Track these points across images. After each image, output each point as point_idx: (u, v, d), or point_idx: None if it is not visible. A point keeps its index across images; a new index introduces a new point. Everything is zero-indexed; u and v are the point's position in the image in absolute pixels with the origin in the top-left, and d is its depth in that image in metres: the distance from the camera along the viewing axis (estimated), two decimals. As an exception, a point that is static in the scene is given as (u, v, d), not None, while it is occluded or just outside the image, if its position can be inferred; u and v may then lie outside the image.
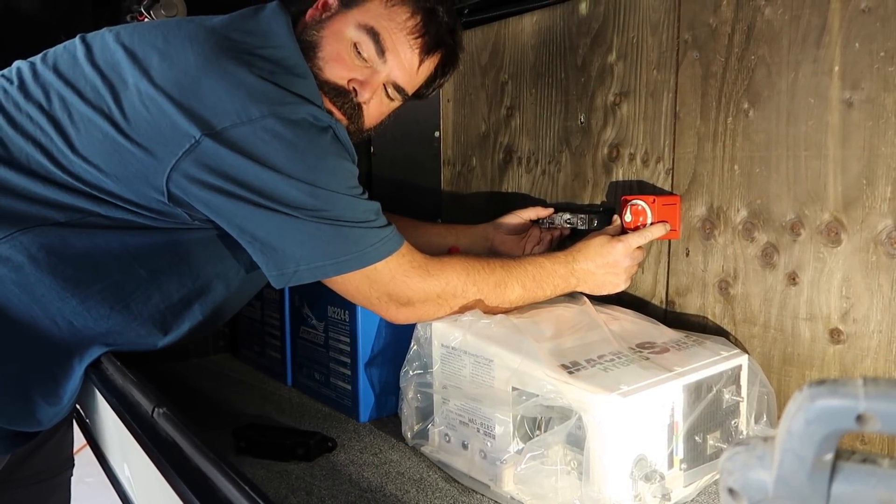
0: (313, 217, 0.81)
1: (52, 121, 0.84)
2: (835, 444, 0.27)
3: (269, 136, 0.79)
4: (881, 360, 0.84)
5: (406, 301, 0.88)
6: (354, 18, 0.91)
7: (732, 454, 0.31)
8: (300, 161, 0.80)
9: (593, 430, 0.72)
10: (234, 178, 0.79)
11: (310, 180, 0.81)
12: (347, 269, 0.84)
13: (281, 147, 0.79)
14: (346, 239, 0.83)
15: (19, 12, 1.54)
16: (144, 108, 0.80)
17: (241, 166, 0.79)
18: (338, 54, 0.90)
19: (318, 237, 0.82)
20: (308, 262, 0.83)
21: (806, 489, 0.28)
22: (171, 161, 0.79)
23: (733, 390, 0.84)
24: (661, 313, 1.09)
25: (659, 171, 1.08)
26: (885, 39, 0.80)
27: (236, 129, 0.78)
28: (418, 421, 0.94)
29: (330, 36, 0.91)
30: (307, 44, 0.91)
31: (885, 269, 0.82)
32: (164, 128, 0.79)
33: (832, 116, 0.86)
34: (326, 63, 0.90)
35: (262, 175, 0.79)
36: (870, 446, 0.85)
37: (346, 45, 0.90)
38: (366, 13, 0.91)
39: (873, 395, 0.25)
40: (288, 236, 0.82)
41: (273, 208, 0.80)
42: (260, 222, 0.81)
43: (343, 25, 0.91)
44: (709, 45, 0.99)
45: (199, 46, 0.83)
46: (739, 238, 0.98)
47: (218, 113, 0.79)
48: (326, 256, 0.83)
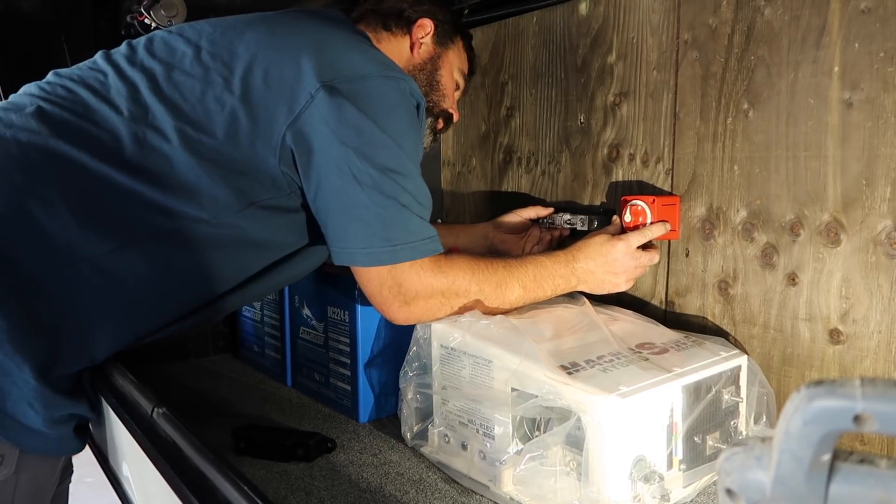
0: (389, 190, 0.84)
1: (163, 101, 0.86)
2: (832, 445, 0.27)
3: (377, 93, 0.86)
4: (881, 360, 0.84)
5: (413, 296, 0.88)
6: (456, 63, 1.14)
7: (730, 455, 0.30)
8: (396, 122, 0.86)
9: (592, 431, 0.72)
10: (338, 130, 0.83)
11: (400, 142, 0.86)
12: (401, 259, 0.85)
13: (385, 106, 0.86)
14: (405, 227, 0.86)
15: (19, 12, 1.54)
16: (262, 71, 0.85)
17: (349, 117, 0.83)
18: (451, 91, 1.14)
19: (382, 220, 0.84)
20: (366, 246, 0.85)
21: (803, 490, 0.28)
22: (289, 118, 0.83)
23: (733, 391, 0.84)
24: (660, 314, 1.09)
25: (659, 171, 1.08)
26: (885, 40, 0.80)
27: (350, 82, 0.85)
28: (418, 421, 0.94)
29: (447, 76, 1.13)
30: (435, 82, 1.10)
31: (884, 269, 0.82)
32: (282, 86, 0.84)
33: (832, 117, 0.86)
34: (447, 98, 1.13)
35: (365, 126, 0.83)
36: (869, 447, 0.85)
37: (453, 84, 1.15)
38: (458, 58, 1.15)
39: (871, 395, 0.25)
40: (356, 213, 0.84)
41: (357, 172, 0.83)
42: (339, 189, 0.84)
43: (452, 68, 1.14)
44: (708, 46, 0.99)
45: (303, 15, 0.95)
46: (739, 238, 0.98)
47: (334, 67, 0.85)
48: (385, 242, 0.84)
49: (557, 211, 1.20)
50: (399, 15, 1.09)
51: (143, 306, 0.86)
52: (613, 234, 1.02)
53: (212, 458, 0.65)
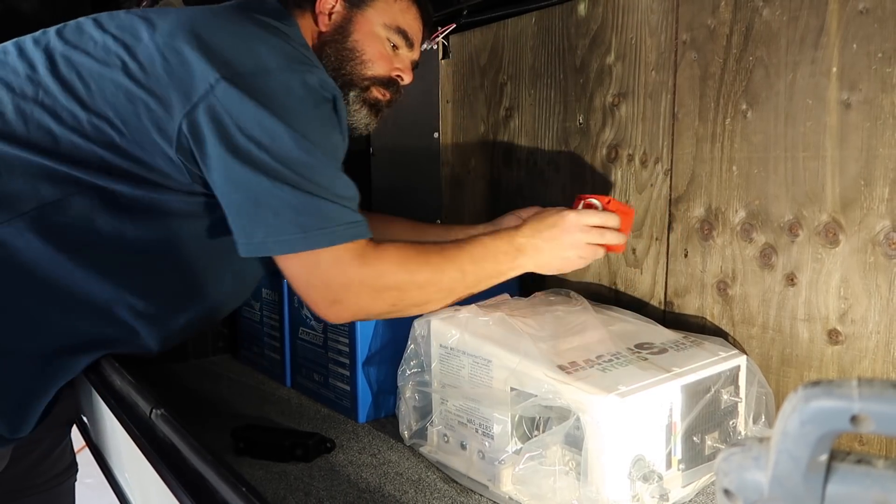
0: (296, 181, 0.81)
1: (59, 81, 0.85)
2: (829, 445, 0.27)
3: (282, 88, 0.82)
4: (879, 360, 0.84)
5: (340, 291, 0.83)
6: (379, 19, 1.03)
7: (728, 455, 0.31)
8: (303, 117, 0.83)
9: (591, 431, 0.72)
10: (239, 123, 0.81)
11: (308, 136, 0.82)
12: (316, 244, 0.81)
13: (290, 101, 0.82)
14: (319, 213, 0.81)
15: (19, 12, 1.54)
16: (162, 58, 0.83)
17: (249, 112, 0.80)
18: (381, 53, 1.04)
19: (293, 207, 0.80)
20: (277, 235, 0.81)
21: (801, 490, 0.28)
22: (186, 106, 0.81)
23: (731, 391, 0.84)
24: (659, 314, 1.09)
25: (657, 171, 1.08)
26: (883, 41, 0.80)
27: (253, 77, 0.82)
28: (416, 420, 0.94)
29: (365, 39, 1.03)
30: (346, 51, 1.01)
31: (882, 269, 0.83)
32: (182, 74, 0.82)
33: (830, 117, 0.86)
34: (375, 62, 1.03)
35: (266, 122, 0.81)
36: (868, 447, 0.86)
37: (381, 42, 1.04)
38: (384, 13, 1.03)
39: (868, 396, 0.25)
40: (264, 202, 0.81)
41: (262, 164, 0.80)
42: (244, 180, 0.81)
43: (372, 27, 1.03)
44: (707, 47, 0.99)
45: (220, 9, 0.90)
46: (738, 239, 0.98)
47: (236, 60, 0.83)
48: (296, 229, 0.81)
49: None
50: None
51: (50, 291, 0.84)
52: None
53: (210, 459, 0.65)
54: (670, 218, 1.07)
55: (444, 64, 1.50)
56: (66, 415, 1.13)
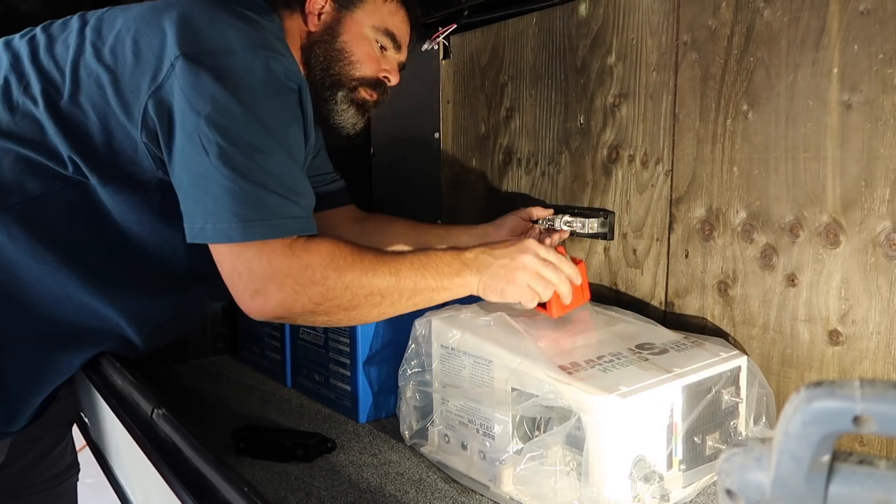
0: (243, 166, 0.78)
1: (40, 72, 0.86)
2: (832, 446, 0.27)
3: (244, 69, 0.82)
4: (880, 361, 0.84)
5: (264, 281, 0.79)
6: (368, 21, 1.04)
7: (730, 455, 0.31)
8: (262, 102, 0.82)
9: (592, 431, 0.72)
10: (193, 100, 0.79)
11: (263, 121, 0.81)
12: (251, 237, 0.78)
13: (251, 83, 0.81)
14: (261, 204, 0.79)
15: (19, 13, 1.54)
16: (132, 40, 0.84)
17: (205, 89, 0.79)
18: (369, 54, 1.05)
19: (234, 195, 0.78)
20: (215, 221, 0.79)
21: (803, 490, 0.28)
22: (152, 86, 0.81)
23: (732, 391, 0.84)
24: (660, 314, 1.09)
25: (658, 172, 1.08)
26: (884, 41, 0.80)
27: (214, 55, 0.81)
28: (417, 420, 0.94)
29: (354, 40, 1.03)
30: (335, 52, 1.02)
31: (883, 270, 0.83)
32: (149, 57, 0.82)
33: (831, 118, 0.86)
34: (363, 63, 1.04)
35: (221, 100, 0.79)
36: (868, 447, 0.86)
37: (370, 44, 1.05)
38: (373, 15, 1.04)
39: (870, 396, 0.25)
40: (206, 186, 0.79)
41: (210, 144, 0.78)
42: (190, 160, 0.80)
43: (361, 28, 1.04)
44: (708, 47, 0.99)
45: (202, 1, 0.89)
46: (738, 239, 0.98)
47: (201, 39, 0.83)
48: (234, 217, 0.78)
49: (557, 212, 1.20)
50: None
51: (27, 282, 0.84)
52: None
53: (211, 459, 0.65)
54: (671, 218, 1.07)
55: (444, 64, 1.50)
56: (66, 414, 1.13)
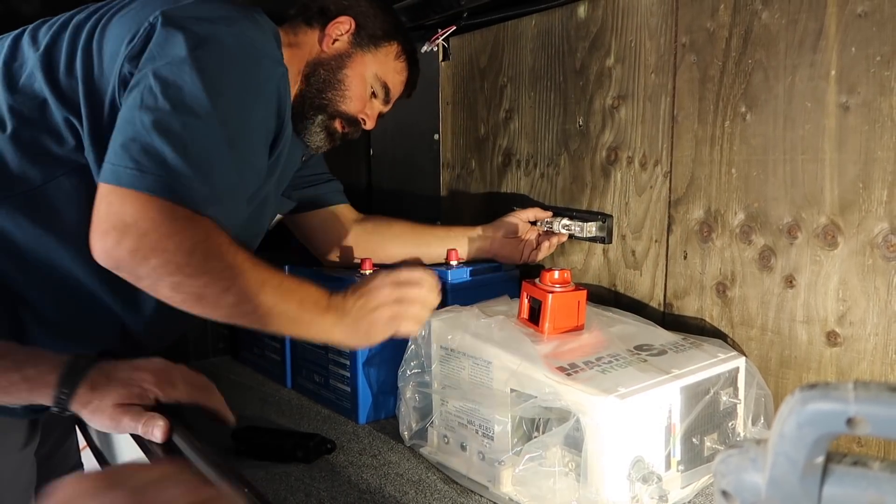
0: (167, 120, 0.76)
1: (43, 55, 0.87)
2: (826, 447, 0.28)
3: (218, 39, 0.82)
4: (878, 362, 0.84)
5: (128, 221, 0.74)
6: (374, 67, 1.09)
7: (726, 457, 0.31)
8: (225, 73, 0.81)
9: (591, 432, 0.73)
10: (156, 48, 0.79)
11: (215, 91, 0.79)
12: (140, 186, 0.74)
13: (220, 52, 0.81)
14: (162, 161, 0.75)
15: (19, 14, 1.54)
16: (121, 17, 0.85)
17: (171, 42, 0.79)
18: (360, 95, 1.08)
19: (142, 144, 0.75)
20: (113, 162, 0.75)
21: (798, 492, 0.28)
22: (128, 48, 0.81)
23: (731, 392, 0.84)
24: (659, 316, 1.09)
25: (657, 174, 1.08)
26: (882, 44, 0.81)
27: (194, 21, 0.82)
28: (416, 421, 0.95)
29: (354, 77, 1.07)
30: (335, 80, 1.05)
31: (881, 272, 0.83)
32: (133, 22, 0.84)
33: (829, 120, 0.86)
34: (351, 101, 1.08)
35: (180, 55, 0.78)
36: (866, 448, 0.86)
37: (365, 87, 1.09)
38: (381, 64, 1.09)
39: (863, 398, 0.26)
40: (123, 129, 0.77)
41: (147, 93, 0.77)
42: (126, 107, 0.78)
43: (365, 70, 1.08)
44: (706, 49, 0.99)
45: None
46: (737, 241, 0.98)
47: (186, 8, 0.84)
48: (132, 163, 0.74)
49: (556, 214, 1.21)
50: (321, 11, 1.07)
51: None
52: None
53: (212, 460, 0.65)
54: (670, 220, 1.07)
55: (444, 66, 1.50)
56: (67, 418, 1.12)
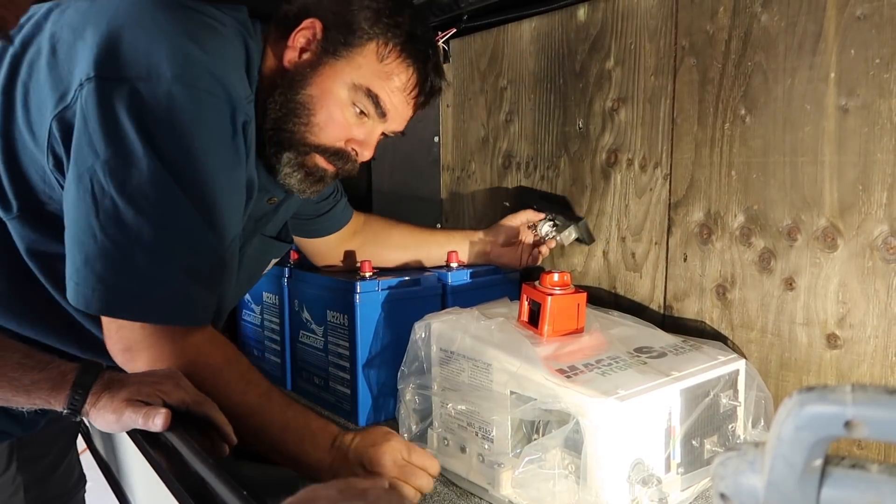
0: (132, 222, 0.67)
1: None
2: (824, 450, 0.28)
3: (168, 103, 0.68)
4: (877, 364, 0.84)
5: (137, 344, 0.72)
6: (348, 77, 0.84)
7: (724, 460, 0.31)
8: (186, 145, 0.69)
9: (591, 434, 0.73)
10: (96, 128, 0.67)
11: (179, 171, 0.68)
12: (114, 312, 0.69)
13: (175, 121, 0.68)
14: (138, 273, 0.68)
15: (21, 17, 1.54)
16: (49, 50, 0.72)
17: (113, 119, 0.67)
18: (334, 119, 0.84)
19: (107, 258, 0.67)
20: (78, 282, 0.68)
21: (796, 494, 0.28)
22: (58, 107, 0.70)
23: (730, 395, 0.84)
24: (659, 318, 1.09)
25: (657, 176, 1.08)
26: (881, 46, 0.81)
27: (136, 82, 0.68)
28: (416, 423, 0.95)
29: (322, 96, 0.83)
30: (293, 104, 0.83)
31: (881, 274, 0.83)
32: (63, 69, 0.71)
33: (828, 123, 0.86)
34: (323, 129, 0.85)
35: (128, 136, 0.66)
36: (866, 451, 0.86)
37: (341, 106, 0.84)
38: (358, 70, 0.84)
39: (861, 401, 0.26)
40: (81, 239, 0.68)
41: (100, 192, 0.67)
42: (78, 209, 0.68)
43: (334, 83, 0.83)
44: (706, 52, 0.99)
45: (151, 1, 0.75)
46: (737, 243, 0.98)
47: (123, 59, 0.69)
48: (100, 285, 0.68)
49: (547, 216, 1.20)
50: (284, 16, 0.86)
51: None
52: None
53: (211, 462, 0.65)
54: (669, 222, 1.07)
55: (444, 68, 1.50)
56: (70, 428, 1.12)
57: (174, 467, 0.69)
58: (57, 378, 0.68)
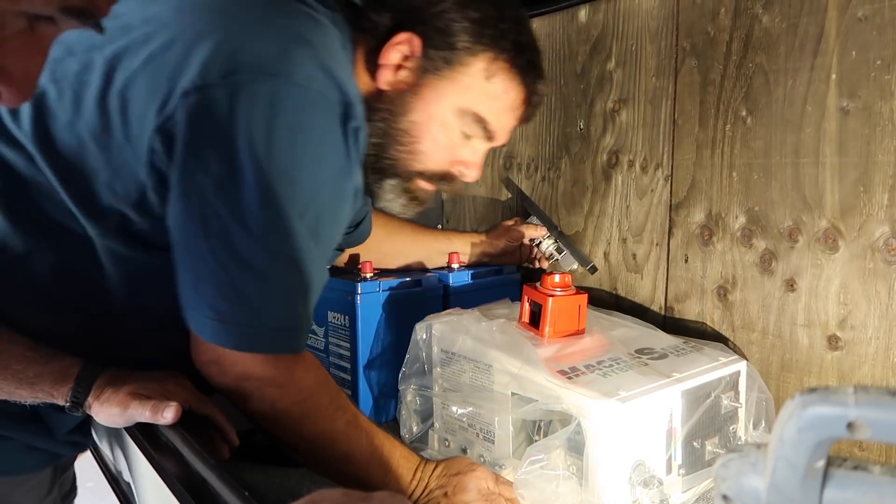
0: (244, 247, 0.64)
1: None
2: (826, 452, 0.28)
3: (286, 104, 0.62)
4: (878, 366, 0.84)
5: (235, 372, 0.71)
6: (453, 101, 0.78)
7: (726, 461, 0.31)
8: (300, 151, 0.64)
9: (592, 436, 0.73)
10: (207, 141, 0.62)
11: (293, 181, 0.64)
12: (227, 343, 0.67)
13: (290, 124, 0.63)
14: (252, 303, 0.65)
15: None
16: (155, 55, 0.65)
17: (226, 128, 0.62)
18: (439, 144, 0.80)
19: (218, 285, 0.64)
20: (192, 306, 0.66)
21: (798, 496, 0.28)
22: (160, 116, 0.64)
23: (732, 396, 0.84)
24: (660, 319, 1.09)
25: (658, 177, 1.08)
26: (882, 48, 0.81)
27: (252, 83, 0.62)
28: (417, 424, 0.95)
29: (426, 122, 0.78)
30: (396, 131, 0.79)
31: (882, 275, 0.83)
32: (163, 73, 0.64)
33: (829, 124, 0.86)
34: (428, 156, 0.80)
35: (244, 154, 0.61)
36: (867, 452, 0.86)
37: (447, 131, 0.79)
38: (464, 92, 0.78)
39: (864, 403, 0.26)
40: (191, 263, 0.65)
41: (211, 214, 0.63)
42: (186, 229, 0.65)
43: (438, 108, 0.78)
44: (707, 53, 0.99)
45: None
46: (738, 244, 0.98)
47: (236, 58, 0.63)
48: (213, 313, 0.66)
49: (551, 234, 1.20)
50: (375, 24, 0.77)
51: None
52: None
53: (212, 463, 0.65)
54: (670, 223, 1.07)
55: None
56: None
57: (175, 467, 0.69)
58: (59, 372, 0.68)
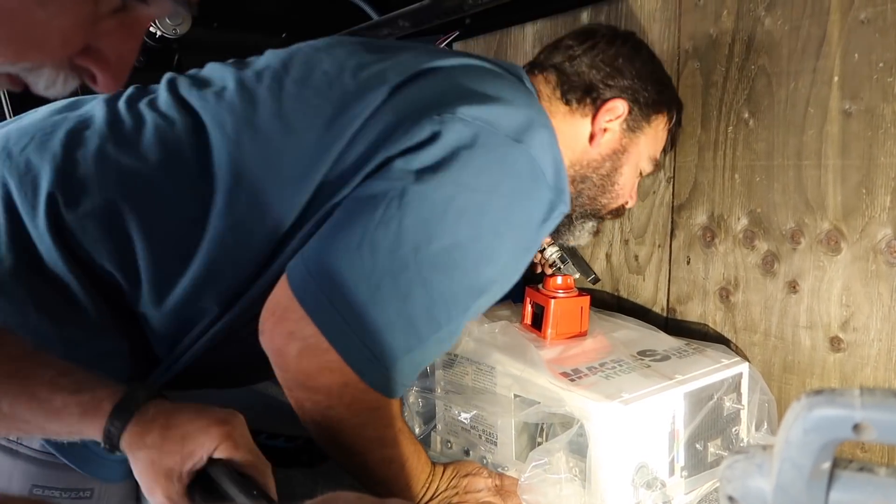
0: (429, 296, 0.65)
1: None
2: (832, 453, 0.28)
3: (503, 164, 0.66)
4: (881, 368, 0.84)
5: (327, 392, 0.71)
6: (649, 152, 0.90)
7: (732, 462, 0.31)
8: (508, 213, 0.68)
9: (595, 438, 0.73)
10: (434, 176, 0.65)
11: (501, 237, 0.67)
12: (364, 375, 0.67)
13: (508, 181, 0.67)
14: (399, 351, 0.66)
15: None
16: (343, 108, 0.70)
17: (449, 162, 0.66)
18: (629, 185, 0.91)
19: (388, 321, 0.64)
20: (343, 326, 0.65)
21: (804, 497, 0.28)
22: (358, 178, 0.69)
23: (734, 398, 0.84)
24: (662, 321, 1.09)
25: (660, 179, 1.08)
26: (884, 50, 0.81)
27: (491, 137, 0.67)
28: (420, 426, 0.95)
29: (628, 173, 0.89)
30: (608, 182, 0.88)
31: (884, 277, 0.83)
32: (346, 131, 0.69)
33: (831, 126, 0.86)
34: (620, 196, 0.91)
35: (463, 185, 0.65)
36: (870, 454, 0.86)
37: (635, 174, 0.91)
38: (655, 144, 0.90)
39: (869, 404, 0.26)
40: (368, 287, 0.64)
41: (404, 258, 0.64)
42: (378, 245, 0.65)
43: (640, 160, 0.89)
44: (709, 55, 0.99)
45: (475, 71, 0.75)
46: (740, 246, 0.98)
47: (463, 101, 0.68)
48: (364, 347, 0.65)
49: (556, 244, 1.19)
50: (587, 89, 0.83)
51: None
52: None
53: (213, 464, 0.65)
54: (673, 225, 1.07)
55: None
56: None
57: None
58: (88, 403, 0.57)
